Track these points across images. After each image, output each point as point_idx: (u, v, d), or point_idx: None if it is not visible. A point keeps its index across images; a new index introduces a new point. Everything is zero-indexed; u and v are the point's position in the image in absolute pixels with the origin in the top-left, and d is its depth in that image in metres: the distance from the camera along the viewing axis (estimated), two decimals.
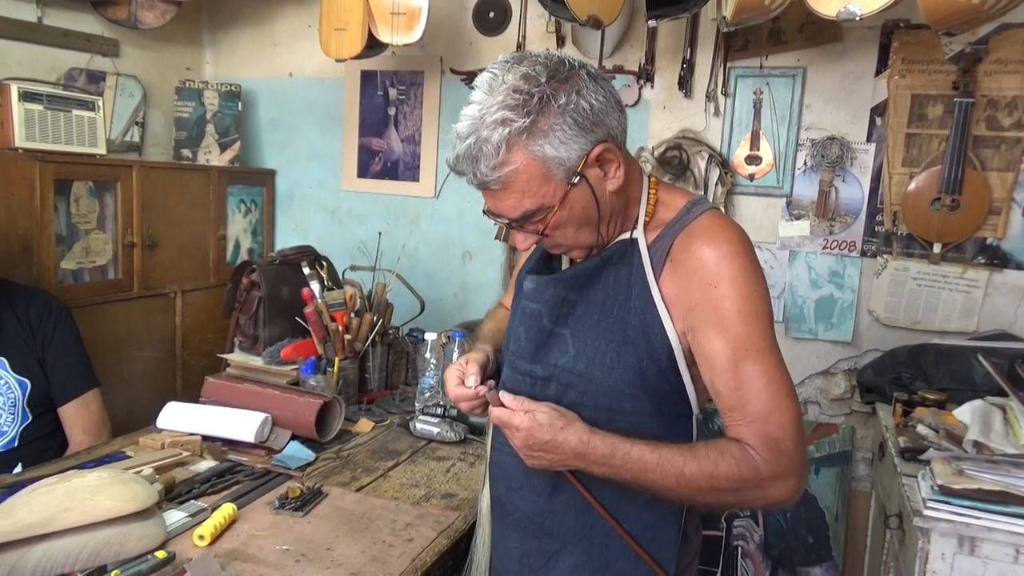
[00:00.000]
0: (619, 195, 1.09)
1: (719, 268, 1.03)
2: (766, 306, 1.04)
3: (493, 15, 2.81)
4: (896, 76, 2.32)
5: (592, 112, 1.01)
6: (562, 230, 1.08)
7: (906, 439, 1.81)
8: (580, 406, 1.11)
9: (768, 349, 1.03)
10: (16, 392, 1.90)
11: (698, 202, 1.12)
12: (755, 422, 1.01)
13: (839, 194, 2.43)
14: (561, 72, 1.01)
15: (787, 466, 1.00)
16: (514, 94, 0.98)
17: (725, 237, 1.05)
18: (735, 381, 1.02)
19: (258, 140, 3.29)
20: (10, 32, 2.53)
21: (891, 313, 2.40)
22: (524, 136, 0.98)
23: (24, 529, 1.21)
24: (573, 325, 1.13)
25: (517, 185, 1.02)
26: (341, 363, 2.04)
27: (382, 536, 1.41)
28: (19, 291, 2.01)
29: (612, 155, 1.04)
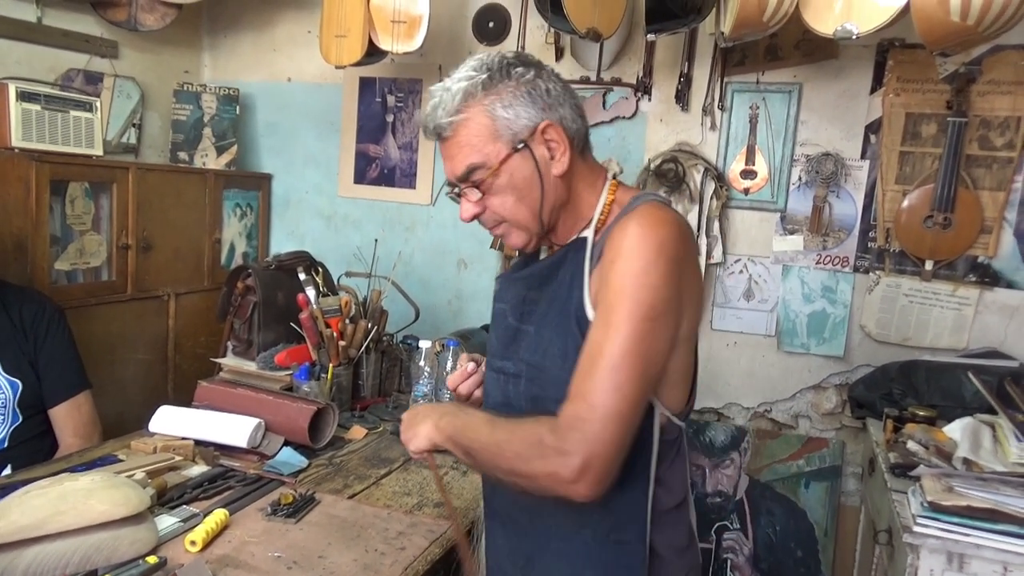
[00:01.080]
0: (566, 184, 1.13)
1: (621, 243, 1.03)
2: (650, 294, 1.00)
3: (492, 25, 2.82)
4: (891, 94, 2.35)
5: (547, 94, 1.09)
6: (501, 198, 1.11)
7: (896, 455, 1.83)
8: (543, 399, 1.12)
9: (625, 332, 0.99)
10: (7, 393, 1.89)
11: (643, 196, 1.14)
12: (575, 397, 1.00)
13: (833, 210, 2.45)
14: (529, 60, 1.12)
15: (577, 445, 0.96)
16: (481, 61, 1.11)
17: (643, 220, 1.04)
18: (587, 351, 1.02)
19: (255, 144, 3.30)
20: (9, 32, 2.53)
21: (883, 329, 2.42)
22: (479, 89, 1.08)
23: (16, 532, 1.20)
24: (536, 321, 1.16)
25: (465, 136, 1.09)
26: (335, 369, 2.04)
27: (374, 544, 1.41)
28: (12, 291, 2.00)
29: (559, 136, 1.09)
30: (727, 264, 2.59)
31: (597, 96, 2.70)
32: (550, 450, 0.98)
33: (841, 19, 1.91)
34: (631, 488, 1.09)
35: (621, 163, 2.70)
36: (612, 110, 2.69)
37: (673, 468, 1.14)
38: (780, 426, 2.60)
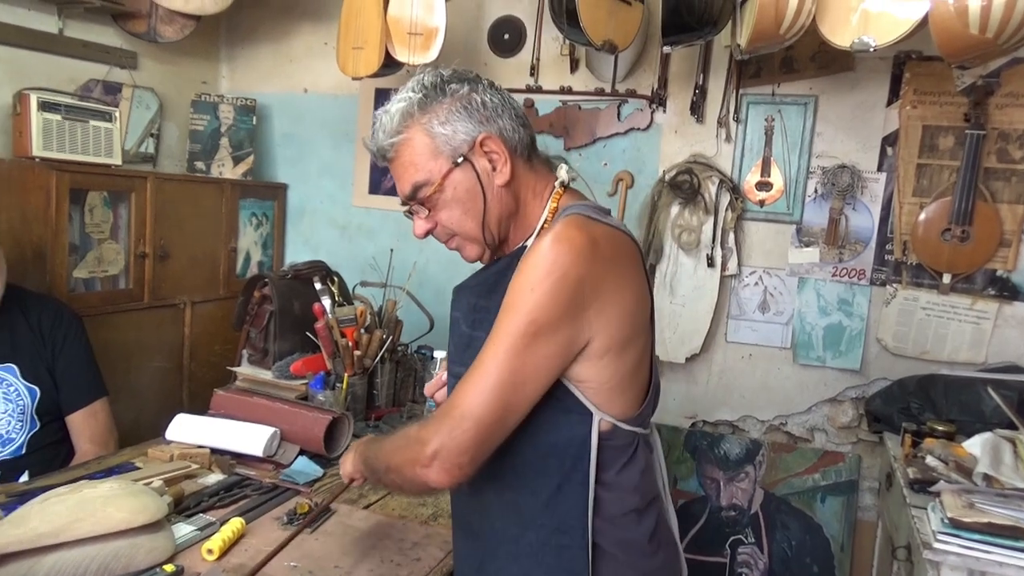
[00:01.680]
0: (511, 194, 1.15)
1: (523, 261, 1.06)
2: (534, 311, 1.01)
3: (508, 37, 2.83)
4: (908, 107, 2.34)
5: (483, 107, 1.12)
6: (448, 212, 1.14)
7: (915, 470, 1.81)
8: None
9: (502, 344, 1.02)
10: (26, 399, 1.91)
11: (570, 208, 1.14)
12: (448, 403, 1.06)
13: (849, 222, 2.44)
14: (464, 76, 1.15)
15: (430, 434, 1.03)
16: (419, 83, 1.14)
17: (553, 239, 1.04)
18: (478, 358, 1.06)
19: (271, 154, 3.32)
20: (32, 43, 2.56)
21: (900, 342, 2.40)
22: (416, 109, 1.11)
23: (36, 539, 1.21)
24: (486, 328, 1.15)
25: (408, 155, 1.12)
26: (350, 379, 2.04)
27: (390, 555, 1.41)
28: (32, 299, 2.02)
29: (498, 147, 1.12)
30: (742, 276, 2.59)
31: (612, 108, 2.71)
32: (412, 440, 1.07)
33: (858, 32, 1.90)
34: (570, 492, 1.11)
35: (635, 174, 2.71)
36: (627, 122, 2.70)
37: (626, 472, 1.13)
38: (796, 439, 2.58)
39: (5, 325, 1.93)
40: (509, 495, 1.14)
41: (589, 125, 2.74)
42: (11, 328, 1.93)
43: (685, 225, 2.59)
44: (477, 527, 1.21)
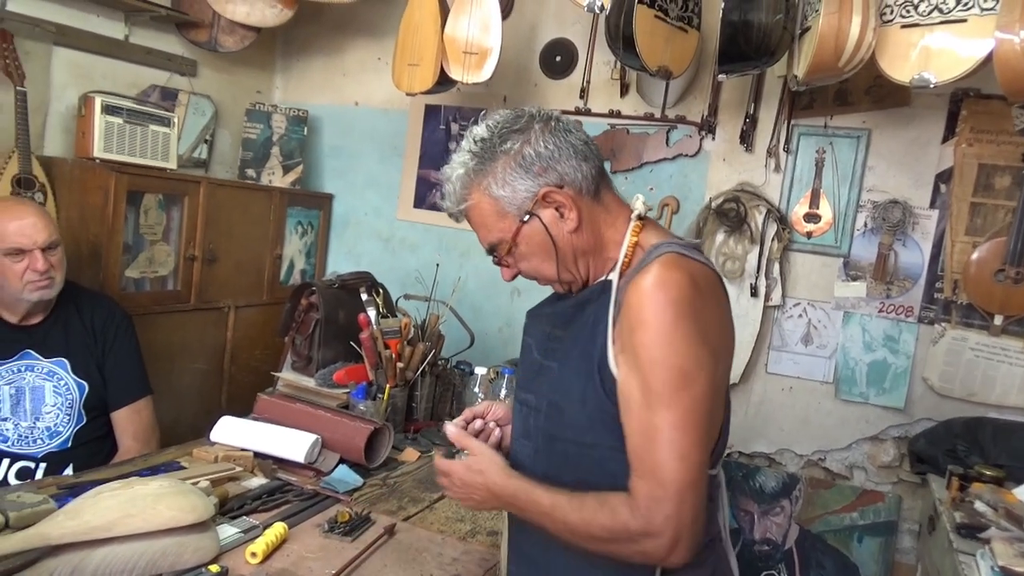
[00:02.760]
0: (584, 235, 1.15)
1: (641, 313, 1.04)
2: (677, 358, 1.02)
3: (559, 59, 2.86)
4: (964, 144, 2.31)
5: (539, 158, 1.12)
6: (526, 262, 1.18)
7: (963, 515, 1.77)
8: (556, 438, 1.17)
9: (670, 405, 1.02)
10: (75, 394, 1.95)
11: (660, 245, 1.13)
12: (643, 476, 1.03)
13: (898, 258, 2.41)
14: (516, 124, 1.14)
15: (662, 525, 1.00)
16: (474, 143, 1.16)
17: (657, 282, 1.04)
18: (637, 425, 1.04)
19: (319, 165, 3.37)
20: (99, 48, 2.64)
21: (947, 383, 2.36)
22: (475, 176, 1.14)
23: (88, 532, 1.23)
24: (560, 358, 1.18)
25: (477, 219, 1.17)
26: (391, 391, 2.05)
27: (429, 569, 1.41)
28: (86, 296, 2.08)
29: (562, 198, 1.13)
30: (786, 307, 2.56)
31: (661, 133, 2.71)
32: (637, 534, 1.02)
33: (918, 67, 1.89)
34: None
35: (681, 200, 2.71)
36: (675, 147, 2.70)
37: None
38: (834, 476, 2.54)
39: (60, 320, 1.98)
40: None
41: (636, 149, 2.74)
42: (65, 323, 1.98)
43: (730, 253, 2.57)
44: (540, 560, 1.21)
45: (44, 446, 1.91)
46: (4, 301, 1.91)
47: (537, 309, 1.32)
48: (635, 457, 1.04)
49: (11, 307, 1.92)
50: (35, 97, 2.39)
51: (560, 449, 1.15)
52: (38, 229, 1.86)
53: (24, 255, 1.84)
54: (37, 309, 1.94)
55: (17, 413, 1.88)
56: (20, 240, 1.83)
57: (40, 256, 1.84)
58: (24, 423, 1.89)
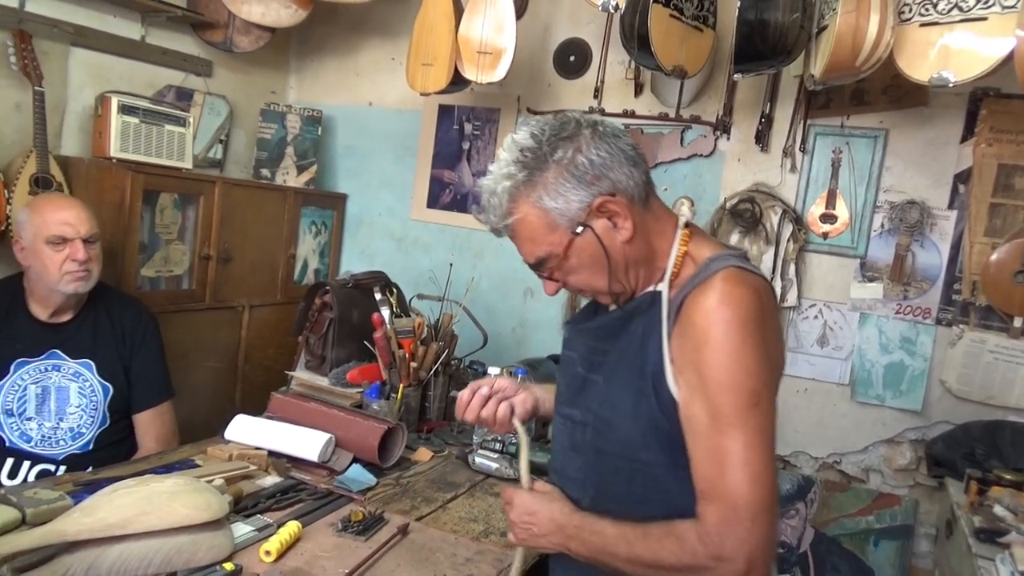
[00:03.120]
0: (636, 245, 1.11)
1: (707, 332, 1.01)
2: (747, 378, 0.99)
3: (573, 59, 2.85)
4: (983, 144, 2.29)
5: (592, 166, 1.07)
6: (576, 276, 1.13)
7: (982, 519, 1.75)
8: (607, 453, 1.13)
9: (741, 425, 0.99)
10: (99, 396, 1.95)
11: (718, 258, 1.10)
12: (713, 500, 1.00)
13: (916, 259, 2.38)
14: (564, 131, 1.08)
15: (735, 549, 0.97)
16: (519, 152, 1.09)
17: (721, 299, 1.02)
18: (705, 450, 1.01)
19: (333, 165, 3.38)
20: (116, 48, 2.66)
21: (964, 385, 2.33)
22: (524, 188, 1.07)
23: (104, 529, 1.23)
24: (605, 372, 1.15)
25: (525, 233, 1.11)
26: (405, 390, 2.05)
27: (442, 569, 1.40)
28: (115, 296, 2.09)
29: (616, 207, 1.08)
30: (801, 308, 2.54)
31: (675, 133, 2.70)
32: (709, 561, 0.99)
33: (937, 67, 1.87)
34: None
35: (696, 200, 2.69)
36: (689, 147, 2.69)
37: None
38: (850, 479, 2.51)
39: (88, 320, 1.98)
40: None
41: (651, 149, 2.73)
42: (93, 323, 1.99)
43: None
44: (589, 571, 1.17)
45: (66, 447, 1.91)
46: (38, 293, 1.92)
47: (579, 322, 1.28)
48: (703, 481, 1.02)
49: (43, 300, 1.93)
50: (53, 97, 2.41)
51: (611, 464, 1.13)
52: (82, 220, 1.89)
53: (66, 244, 1.86)
54: (68, 305, 1.95)
55: (42, 413, 1.89)
56: (64, 229, 1.86)
57: (81, 246, 1.86)
58: (48, 423, 1.90)
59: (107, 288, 2.08)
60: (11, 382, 1.87)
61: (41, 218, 1.87)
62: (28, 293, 1.94)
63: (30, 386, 1.89)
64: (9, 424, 1.87)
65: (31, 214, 1.89)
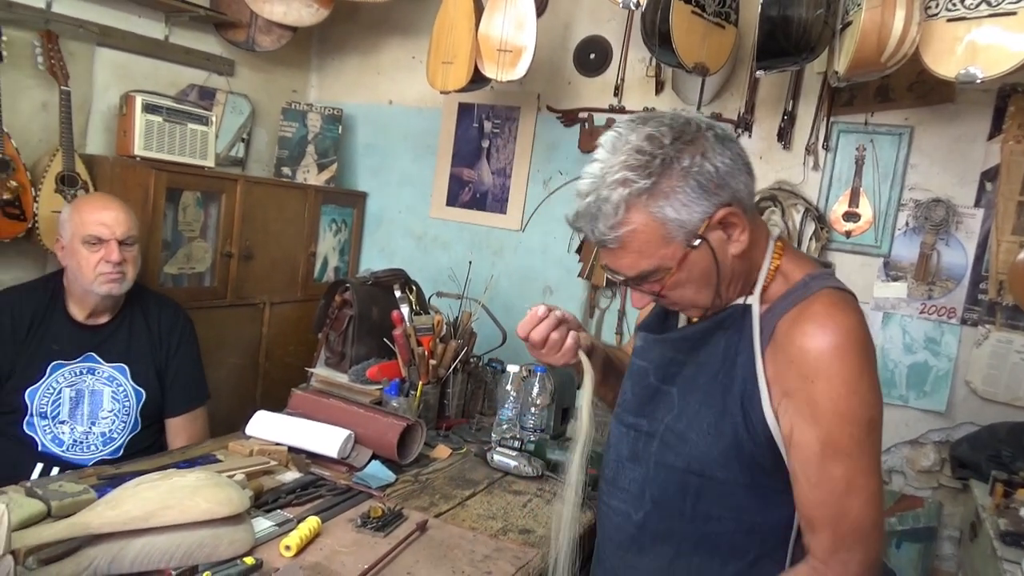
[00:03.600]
0: (743, 259, 1.06)
1: (818, 363, 0.97)
2: (865, 409, 0.98)
3: (594, 56, 2.84)
4: (1011, 141, 2.25)
5: (717, 174, 0.99)
6: (680, 291, 1.06)
7: (1007, 522, 1.72)
8: (674, 468, 1.10)
9: (858, 455, 0.98)
10: (132, 401, 1.97)
11: (817, 277, 1.06)
12: (826, 527, 0.99)
13: (941, 258, 2.35)
14: (687, 134, 1.00)
15: (857, 570, 0.98)
16: (636, 155, 0.98)
17: (832, 327, 0.98)
18: (817, 478, 0.99)
19: (353, 163, 3.40)
20: (140, 48, 2.70)
21: (990, 386, 2.29)
22: (644, 197, 0.98)
23: (127, 522, 1.25)
24: (680, 384, 1.12)
25: (635, 245, 1.01)
26: (423, 387, 2.06)
27: (461, 566, 1.41)
28: (152, 298, 2.10)
29: (737, 219, 1.02)
30: None
31: None
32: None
33: (964, 62, 1.84)
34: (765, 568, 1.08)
35: None
36: None
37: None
38: None
39: (124, 323, 2.00)
40: (696, 560, 1.09)
41: None
42: (129, 326, 2.00)
43: None
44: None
45: (97, 452, 1.92)
46: (75, 293, 1.94)
47: (654, 331, 1.23)
48: (813, 509, 1.00)
49: (80, 300, 1.94)
50: (78, 96, 2.44)
51: (677, 480, 1.09)
52: (119, 222, 1.90)
53: (101, 245, 1.87)
54: (104, 307, 1.96)
55: (75, 417, 1.90)
56: (100, 229, 1.87)
57: (116, 248, 1.87)
58: (80, 427, 1.91)
59: (144, 290, 2.09)
60: (46, 384, 1.88)
61: (79, 217, 1.88)
62: (67, 293, 1.96)
63: (64, 389, 1.90)
64: (43, 427, 1.88)
65: (72, 213, 1.91)
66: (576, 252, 2.88)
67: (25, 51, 2.32)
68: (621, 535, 1.17)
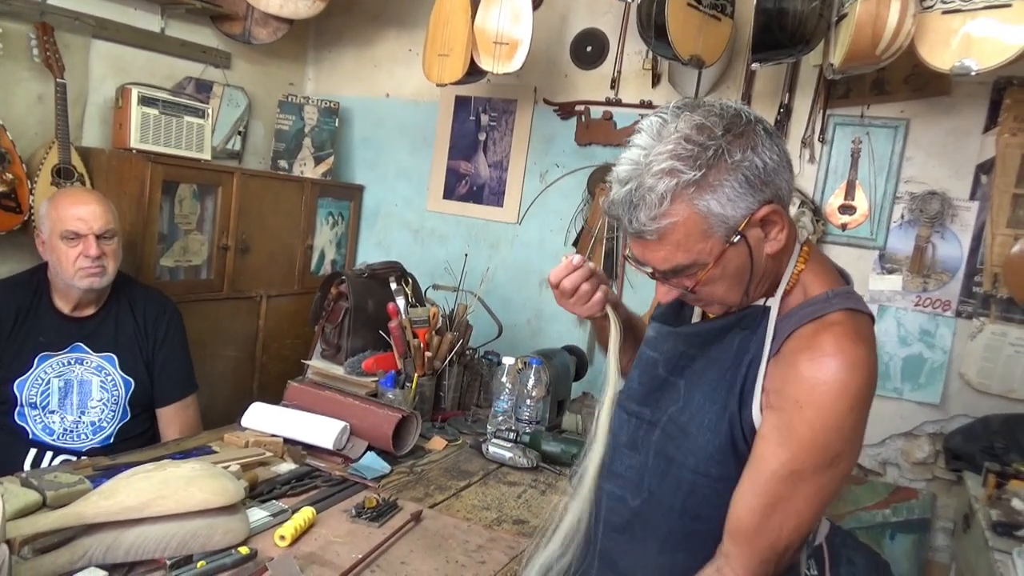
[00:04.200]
0: (775, 259, 1.03)
1: (813, 393, 0.95)
2: (840, 444, 0.96)
3: (590, 49, 2.84)
4: (1006, 134, 2.25)
5: (764, 171, 0.96)
6: (711, 287, 1.03)
7: (999, 512, 1.73)
8: (673, 461, 1.10)
9: (812, 481, 0.97)
10: (121, 390, 1.98)
11: (839, 296, 1.03)
12: (746, 543, 1.00)
13: (936, 251, 2.35)
14: (737, 126, 0.96)
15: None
16: (686, 144, 0.94)
17: (840, 360, 0.95)
18: (762, 489, 0.99)
19: (350, 156, 3.40)
20: (136, 40, 2.69)
21: (984, 378, 2.30)
22: (692, 190, 0.94)
23: (122, 512, 1.25)
24: (688, 377, 1.11)
25: (674, 238, 0.97)
26: (419, 379, 2.06)
27: (455, 556, 1.42)
28: (139, 289, 2.10)
29: (778, 217, 0.98)
30: None
31: None
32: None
33: (959, 55, 1.85)
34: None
35: None
36: None
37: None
38: (866, 472, 2.49)
39: (111, 313, 2.00)
40: (680, 557, 1.09)
41: None
42: (117, 317, 2.01)
43: None
44: (625, 570, 1.17)
45: (87, 441, 1.93)
46: (58, 288, 1.95)
47: (667, 321, 1.21)
48: (740, 521, 1.00)
49: (64, 294, 1.95)
50: (74, 89, 2.44)
51: (675, 474, 1.09)
52: (96, 216, 1.89)
53: (79, 240, 1.87)
54: (89, 299, 1.97)
55: (64, 406, 1.91)
56: (77, 224, 1.87)
57: (93, 242, 1.87)
58: (70, 417, 1.92)
59: (131, 281, 2.10)
60: (35, 375, 1.89)
61: (56, 213, 1.88)
62: (52, 286, 1.96)
63: (53, 379, 1.91)
64: (33, 416, 1.89)
65: (49, 208, 1.91)
66: (573, 245, 2.88)
67: (21, 43, 2.32)
68: (616, 518, 1.18)
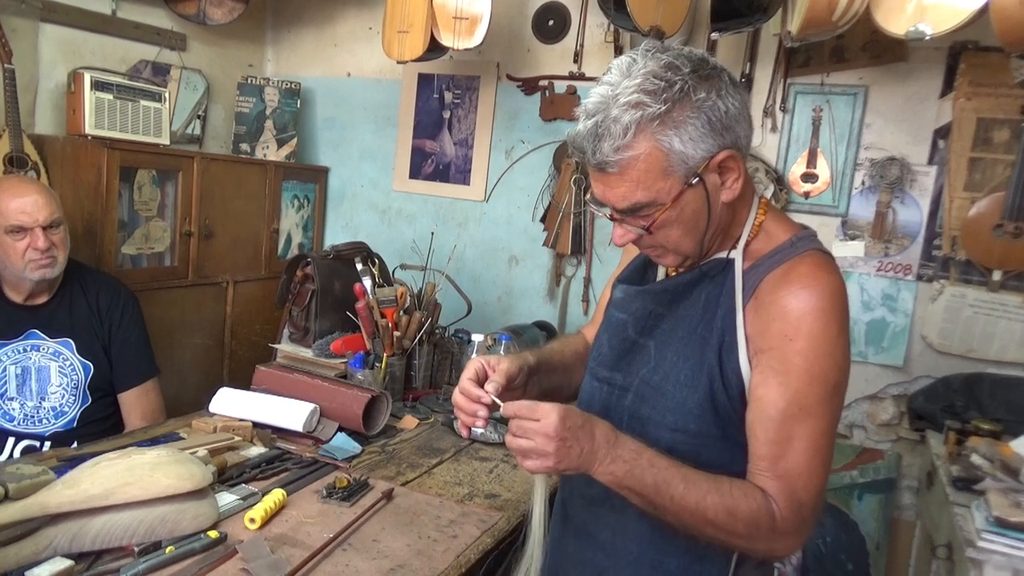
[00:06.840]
0: (729, 209, 1.06)
1: (800, 323, 0.99)
2: (835, 372, 1.00)
3: (552, 23, 2.82)
4: (962, 99, 2.28)
5: (726, 116, 0.98)
6: (666, 231, 1.04)
7: (959, 468, 1.78)
8: (649, 421, 1.11)
9: (821, 414, 1.00)
10: (80, 375, 1.95)
11: (803, 238, 1.07)
12: (783, 478, 1.00)
13: (896, 216, 2.39)
14: (704, 68, 0.99)
15: (799, 527, 1.00)
16: (653, 79, 0.96)
17: (818, 288, 0.99)
18: (776, 433, 1.00)
19: (314, 137, 3.36)
20: (86, 23, 2.62)
21: (945, 340, 2.35)
22: (656, 123, 0.96)
23: (86, 500, 1.24)
24: (658, 337, 1.12)
25: (634, 173, 0.99)
26: (389, 359, 2.06)
27: (427, 531, 1.42)
28: (91, 275, 2.07)
29: (735, 164, 1.01)
30: None
31: None
32: (780, 534, 1.00)
33: (914, 20, 1.86)
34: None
35: None
36: None
37: None
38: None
39: (65, 299, 1.98)
40: (656, 521, 1.07)
41: None
42: (70, 303, 1.98)
43: None
44: (605, 542, 1.17)
45: (50, 425, 1.92)
46: (8, 280, 1.92)
47: (634, 282, 1.22)
48: (765, 460, 1.01)
49: (15, 286, 1.92)
50: (24, 75, 2.37)
51: (652, 434, 1.09)
52: (39, 207, 1.85)
53: (25, 233, 1.83)
54: (41, 288, 1.94)
55: (23, 393, 1.89)
56: (21, 218, 1.83)
57: (41, 234, 1.83)
58: (30, 403, 1.90)
59: (83, 267, 2.07)
60: None
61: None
62: (2, 279, 1.93)
63: (9, 367, 1.88)
64: None
65: None
66: (540, 221, 2.88)
67: None
68: (594, 491, 1.18)
